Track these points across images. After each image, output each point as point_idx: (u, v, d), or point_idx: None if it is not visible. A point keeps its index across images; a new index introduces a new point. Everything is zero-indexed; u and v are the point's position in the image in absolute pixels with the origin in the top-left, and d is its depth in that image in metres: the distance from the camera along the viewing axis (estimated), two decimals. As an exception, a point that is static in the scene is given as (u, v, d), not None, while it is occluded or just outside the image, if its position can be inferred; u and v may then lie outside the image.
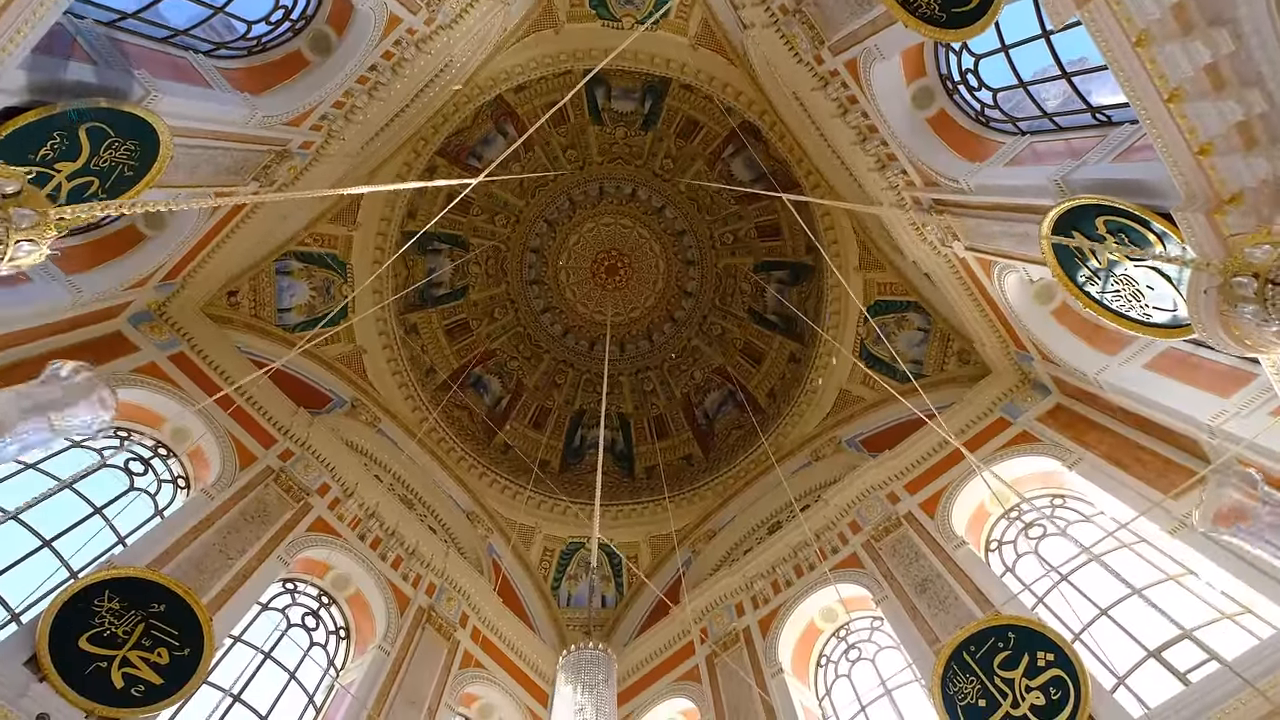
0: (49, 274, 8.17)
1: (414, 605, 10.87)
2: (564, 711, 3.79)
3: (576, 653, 4.14)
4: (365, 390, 13.71)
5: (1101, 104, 6.80)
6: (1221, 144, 4.16)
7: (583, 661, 4.03)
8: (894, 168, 9.65)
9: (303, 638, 9.83)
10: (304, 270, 12.67)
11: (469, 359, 16.55)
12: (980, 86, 8.27)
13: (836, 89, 9.45)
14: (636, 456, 17.27)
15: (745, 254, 17.27)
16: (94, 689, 6.45)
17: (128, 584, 7.17)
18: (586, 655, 4.09)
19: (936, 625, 8.81)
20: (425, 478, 13.54)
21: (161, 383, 9.72)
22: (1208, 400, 7.49)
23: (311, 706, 9.27)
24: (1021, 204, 7.38)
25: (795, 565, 11.48)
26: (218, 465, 9.72)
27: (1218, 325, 4.74)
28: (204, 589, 8.10)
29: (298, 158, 9.43)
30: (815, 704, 10.11)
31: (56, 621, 6.56)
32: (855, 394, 13.93)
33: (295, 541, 9.78)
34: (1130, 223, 5.66)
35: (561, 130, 16.12)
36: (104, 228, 9.02)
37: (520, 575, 13.94)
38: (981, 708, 7.34)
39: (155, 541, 8.12)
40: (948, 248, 9.82)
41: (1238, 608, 7.24)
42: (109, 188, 6.05)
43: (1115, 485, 8.49)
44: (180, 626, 7.31)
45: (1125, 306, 6.35)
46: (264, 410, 10.81)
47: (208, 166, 7.93)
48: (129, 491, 9.10)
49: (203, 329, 10.81)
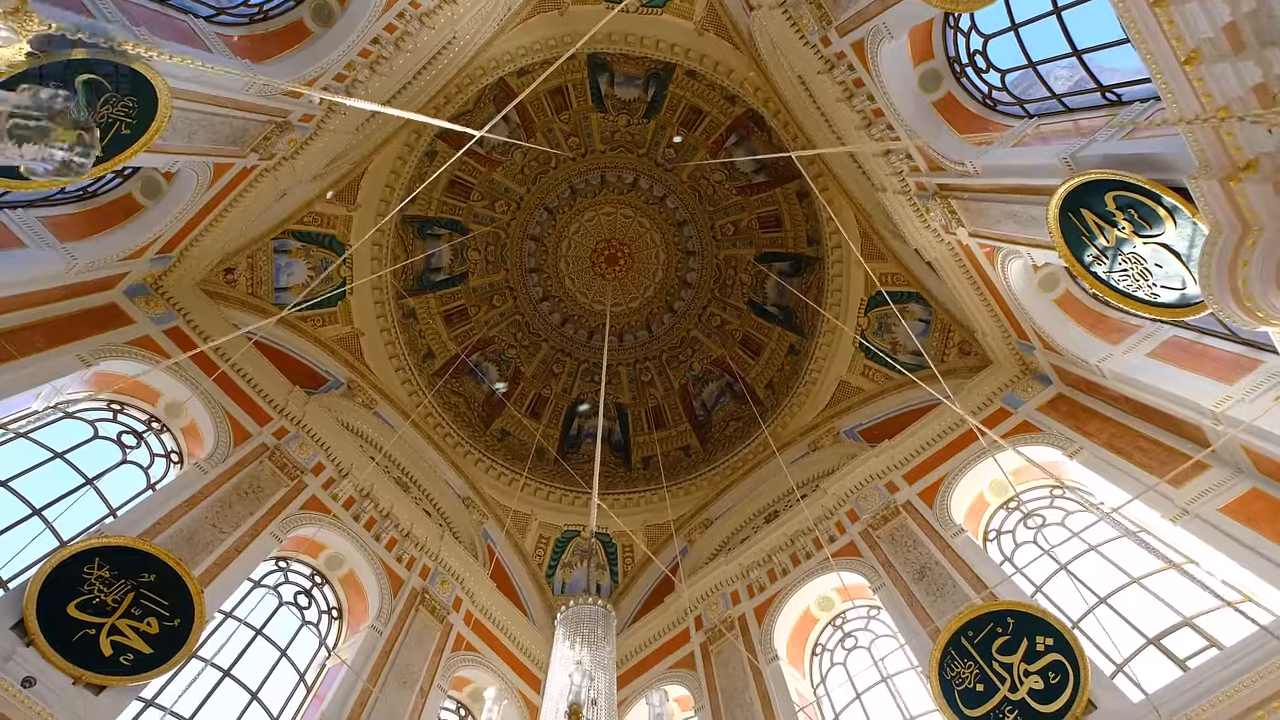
0: (43, 240, 8.06)
1: (407, 587, 10.78)
2: (561, 664, 3.71)
3: (575, 607, 4.06)
4: (362, 373, 13.62)
5: (1111, 84, 6.73)
6: (1239, 108, 4.10)
7: (581, 616, 3.95)
8: (899, 152, 9.59)
9: (295, 616, 9.74)
10: (302, 249, 12.56)
11: (467, 345, 16.45)
12: (988, 68, 8.21)
13: (843, 72, 9.38)
14: (633, 446, 17.20)
15: (746, 245, 17.20)
16: (82, 655, 6.35)
17: (118, 553, 7.08)
18: (585, 610, 4.01)
19: (934, 612, 8.74)
20: (421, 461, 13.45)
21: (156, 357, 9.61)
22: (1212, 387, 7.44)
23: (303, 685, 9.18)
24: (1028, 185, 7.31)
25: (792, 554, 11.42)
26: (211, 441, 9.62)
27: (1228, 296, 4.68)
28: (195, 562, 8.01)
29: (298, 131, 9.34)
30: (810, 691, 10.04)
31: (45, 587, 6.46)
32: (854, 385, 13.88)
33: (288, 519, 9.68)
34: (1141, 198, 5.60)
35: (564, 117, 16.03)
36: (100, 196, 8.92)
37: (515, 562, 13.85)
38: (979, 692, 7.28)
39: (147, 513, 8.02)
40: (951, 234, 9.76)
41: (1239, 595, 7.20)
42: (105, 145, 5.95)
43: (1116, 474, 8.41)
44: (171, 598, 7.23)
45: (1132, 286, 6.29)
46: (259, 388, 10.72)
47: (206, 133, 7.83)
48: (121, 464, 9.01)
49: (199, 304, 10.71)
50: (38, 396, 8.38)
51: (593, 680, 3.52)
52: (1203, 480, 7.47)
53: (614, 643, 3.97)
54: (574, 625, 3.93)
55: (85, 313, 9.03)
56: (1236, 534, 6.92)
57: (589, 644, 3.78)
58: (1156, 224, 5.65)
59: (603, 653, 3.79)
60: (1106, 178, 5.74)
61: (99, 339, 8.90)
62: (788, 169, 15.22)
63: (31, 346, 8.06)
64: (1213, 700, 5.91)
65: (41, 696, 5.98)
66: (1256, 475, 7.15)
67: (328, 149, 10.11)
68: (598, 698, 3.51)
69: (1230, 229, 4.54)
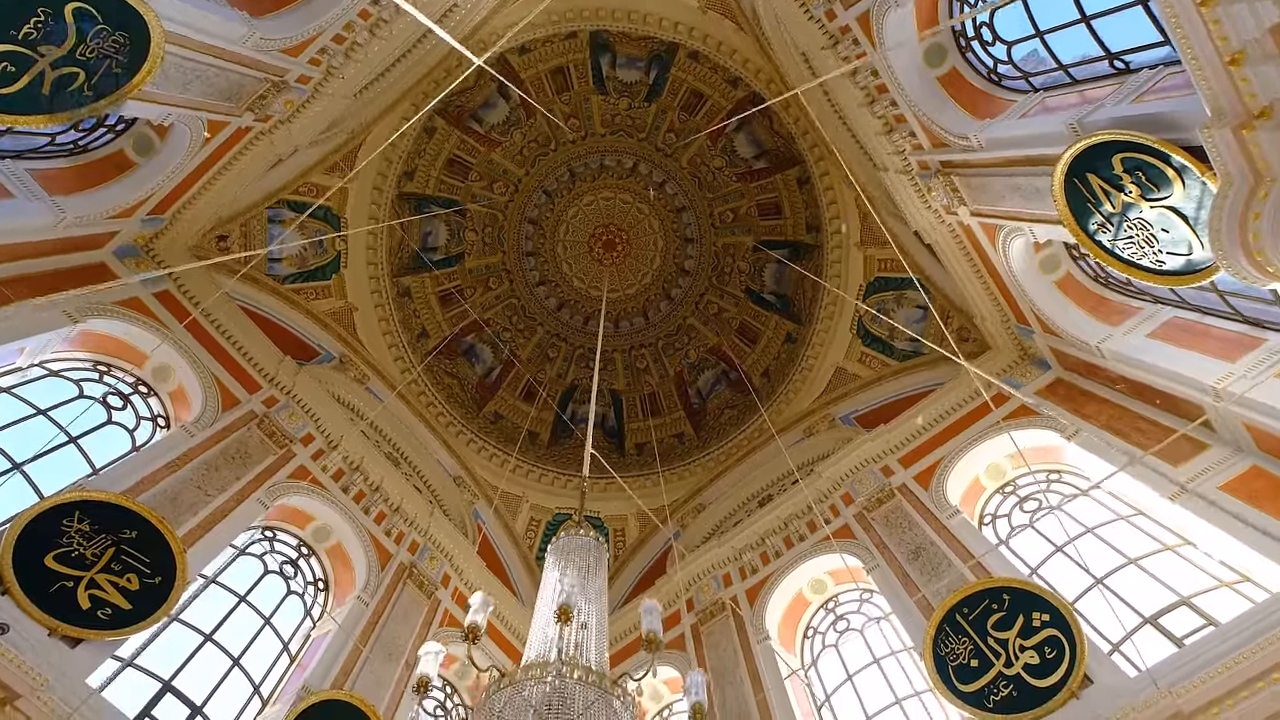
0: (31, 192, 7.91)
1: (395, 561, 10.64)
2: (550, 591, 3.58)
3: (566, 538, 3.93)
4: (355, 348, 13.47)
5: (1120, 50, 6.65)
6: (1255, 51, 4.01)
7: (572, 546, 3.82)
8: (902, 130, 9.52)
9: (280, 586, 9.59)
10: (296, 220, 12.40)
11: (461, 326, 16.32)
12: (994, 40, 8.13)
13: (847, 46, 9.29)
14: (627, 433, 17.07)
15: (745, 232, 17.10)
16: (58, 607, 6.20)
17: (99, 508, 6.93)
18: (576, 541, 3.88)
19: (929, 592, 8.65)
20: (412, 438, 13.31)
21: (145, 318, 9.46)
22: (1213, 365, 7.37)
23: (286, 654, 9.03)
24: (1034, 155, 7.23)
25: (785, 537, 11.32)
26: (199, 406, 9.47)
27: (1239, 250, 4.60)
28: (178, 522, 7.85)
29: (295, 92, 9.20)
30: (801, 673, 9.93)
31: (23, 537, 6.31)
32: (851, 371, 13.80)
33: (275, 486, 9.53)
34: (1149, 158, 5.52)
35: (564, 98, 15.91)
36: (91, 152, 8.77)
37: (505, 542, 13.72)
38: (973, 668, 7.19)
39: (130, 471, 7.87)
40: (953, 214, 9.70)
41: (1236, 575, 7.13)
42: (95, 84, 5.81)
43: (1114, 454, 8.34)
44: (152, 555, 7.08)
45: (1137, 254, 6.20)
46: (250, 356, 10.57)
47: (200, 85, 7.69)
48: (106, 425, 8.85)
49: (190, 270, 10.54)
50: (21, 352, 8.23)
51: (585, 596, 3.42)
52: (1203, 459, 7.40)
53: (605, 577, 3.86)
54: (564, 554, 3.81)
55: (73, 270, 8.87)
56: (1237, 511, 6.85)
57: (580, 573, 3.66)
58: (1164, 186, 5.57)
59: (593, 584, 3.67)
60: (1115, 138, 5.66)
61: (87, 296, 8.74)
62: (788, 155, 15.15)
63: (17, 299, 7.90)
64: (1211, 672, 5.82)
65: (15, 645, 5.82)
66: (1257, 453, 7.09)
67: (324, 113, 9.97)
68: (588, 622, 3.40)
69: (1242, 180, 4.46)
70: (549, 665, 3.19)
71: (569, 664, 3.16)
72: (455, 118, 15.01)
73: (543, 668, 3.20)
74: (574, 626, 3.33)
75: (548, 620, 3.41)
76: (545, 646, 3.34)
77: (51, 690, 5.70)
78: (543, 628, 3.44)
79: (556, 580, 3.62)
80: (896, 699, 8.71)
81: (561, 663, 3.15)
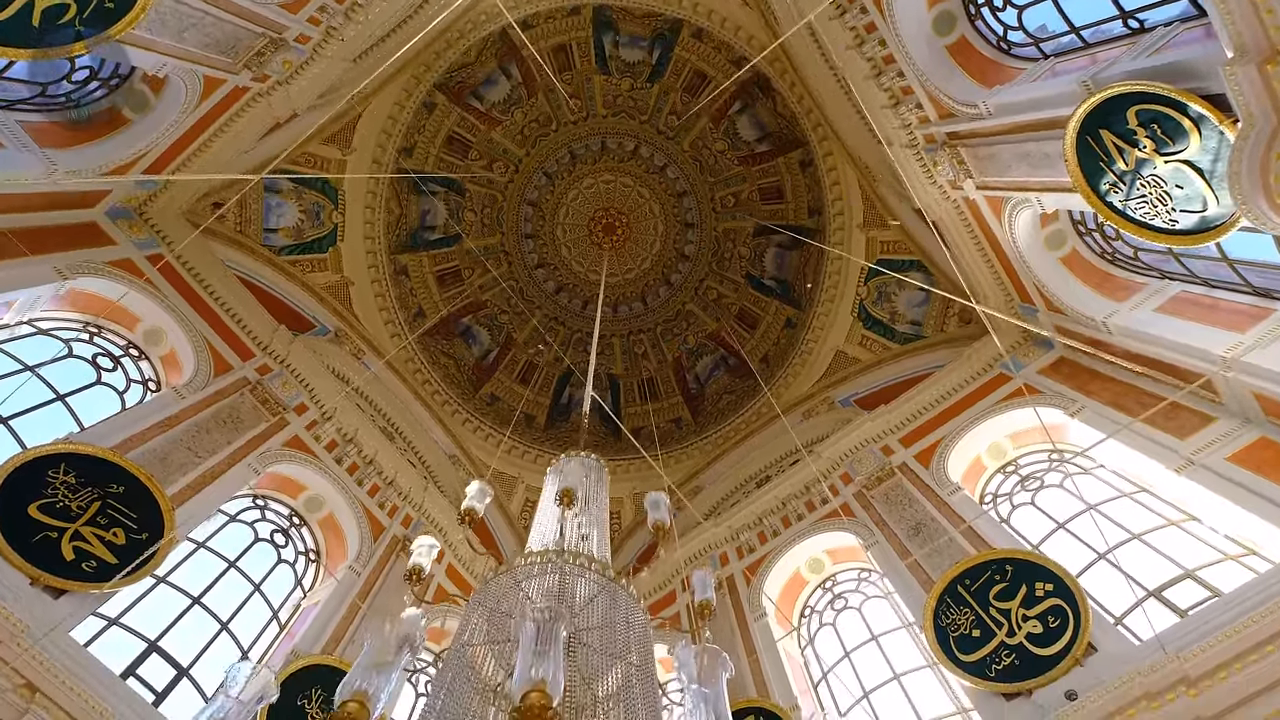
0: (22, 143, 7.74)
1: (388, 534, 10.49)
2: (550, 503, 3.45)
3: (567, 461, 3.81)
4: (351, 323, 13.32)
5: (1134, 8, 6.55)
6: (1281, -20, 3.92)
7: (572, 468, 3.69)
8: (909, 102, 9.41)
9: (271, 554, 9.43)
10: (293, 190, 12.27)
11: (459, 306, 16.17)
12: (1005, 5, 8.03)
13: (855, 15, 9.20)
14: (625, 417, 16.91)
15: (746, 218, 16.97)
16: (40, 557, 6.05)
17: (86, 461, 6.78)
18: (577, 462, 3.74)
19: (929, 566, 8.52)
20: (408, 415, 13.16)
21: (137, 280, 9.30)
22: (1222, 336, 7.27)
23: (276, 622, 8.87)
24: (1044, 118, 7.12)
25: (783, 516, 11.20)
26: (190, 369, 9.32)
27: (1259, 194, 4.49)
28: (167, 482, 7.68)
29: (293, 51, 9.06)
30: (798, 651, 9.81)
31: (6, 486, 6.15)
32: (851, 355, 13.70)
33: (267, 453, 9.38)
34: (1166, 109, 5.41)
35: (566, 77, 15.76)
36: (84, 107, 8.60)
37: (499, 522, 13.57)
38: (975, 638, 7.08)
39: (118, 428, 7.71)
40: (958, 189, 9.59)
41: (1242, 549, 7.03)
42: (87, 18, 5.66)
43: (1118, 429, 8.23)
44: (140, 511, 6.94)
45: (1149, 214, 6.09)
46: (243, 323, 10.41)
47: (196, 33, 7.54)
48: (96, 385, 8.69)
49: (184, 234, 10.36)
50: (9, 307, 8.07)
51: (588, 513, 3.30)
52: (1210, 430, 7.31)
53: (607, 498, 3.74)
54: (564, 476, 3.69)
55: (65, 228, 8.72)
56: (1245, 481, 6.75)
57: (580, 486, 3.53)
58: (1180, 138, 5.46)
59: (595, 504, 3.55)
60: (1131, 89, 5.55)
61: (78, 254, 8.60)
62: (791, 137, 15.03)
63: (7, 252, 7.74)
64: (1218, 637, 5.71)
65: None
66: (1265, 423, 6.99)
67: (323, 76, 9.83)
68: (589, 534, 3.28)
69: (1265, 120, 4.35)
70: (550, 554, 3.06)
71: (571, 554, 3.03)
72: (456, 93, 14.85)
73: (544, 555, 3.08)
74: (575, 526, 3.20)
75: (550, 520, 3.27)
76: (547, 542, 3.21)
77: (31, 637, 5.54)
78: (542, 535, 3.31)
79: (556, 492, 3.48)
80: (894, 674, 8.59)
81: (564, 553, 3.03)
